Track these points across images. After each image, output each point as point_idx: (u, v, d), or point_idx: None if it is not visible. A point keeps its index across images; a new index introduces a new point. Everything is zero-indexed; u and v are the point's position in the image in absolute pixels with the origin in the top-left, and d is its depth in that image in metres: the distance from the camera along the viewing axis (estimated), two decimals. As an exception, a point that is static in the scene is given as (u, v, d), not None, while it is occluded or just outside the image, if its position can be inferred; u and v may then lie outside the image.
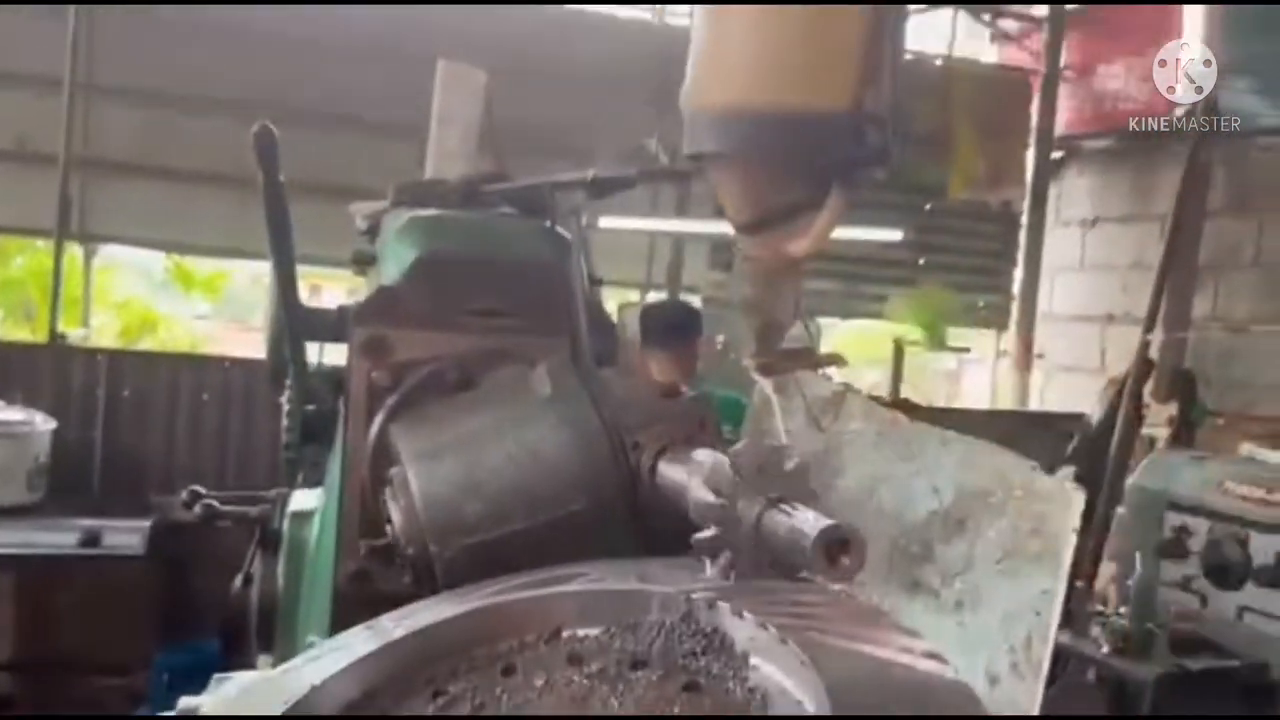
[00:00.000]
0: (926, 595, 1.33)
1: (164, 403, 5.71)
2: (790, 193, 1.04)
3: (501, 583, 1.23)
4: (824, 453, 1.47)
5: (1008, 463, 1.34)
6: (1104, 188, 7.53)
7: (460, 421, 1.51)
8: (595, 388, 1.44)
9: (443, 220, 1.97)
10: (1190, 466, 4.34)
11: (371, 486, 1.66)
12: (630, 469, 1.36)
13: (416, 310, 1.76)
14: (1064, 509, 1.26)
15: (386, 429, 1.66)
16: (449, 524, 1.37)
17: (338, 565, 1.70)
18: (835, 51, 0.99)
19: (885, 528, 1.40)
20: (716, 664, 1.02)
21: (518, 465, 1.38)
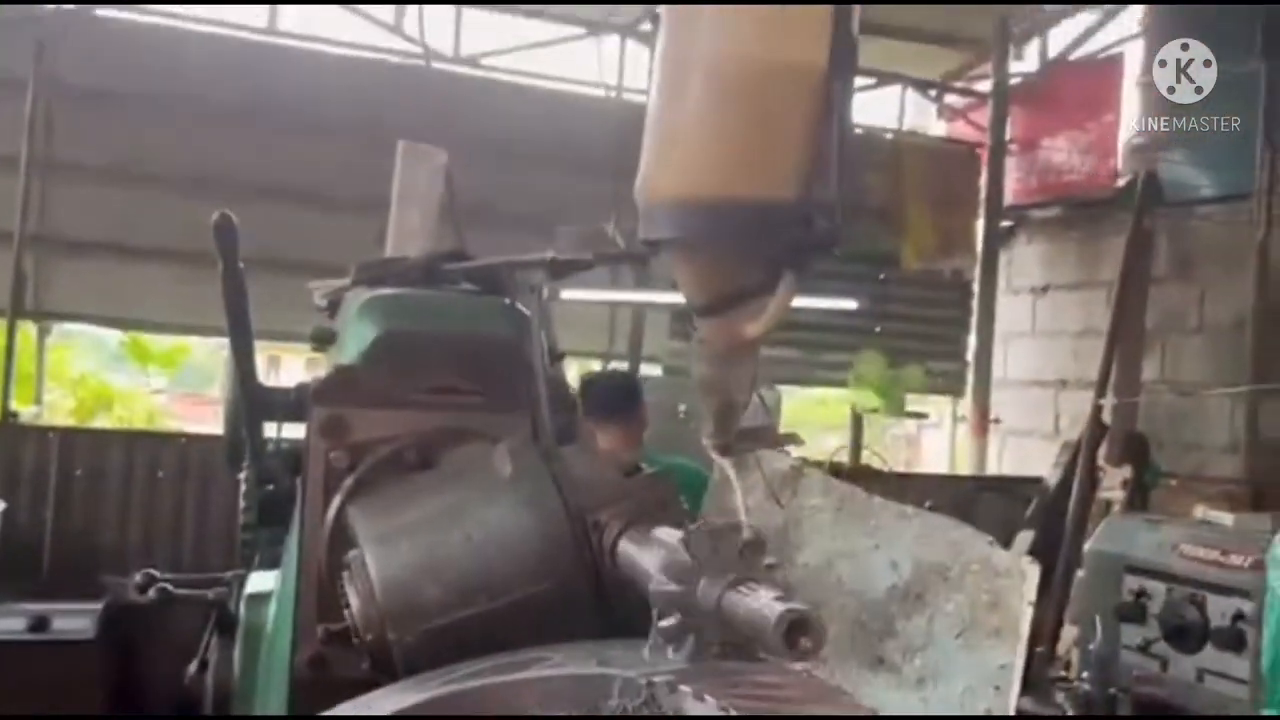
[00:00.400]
0: (889, 671, 1.34)
1: (118, 481, 5.61)
2: (743, 278, 1.07)
3: (462, 669, 1.22)
4: (784, 528, 1.48)
5: (964, 537, 1.36)
6: (1052, 256, 7.73)
7: (419, 502, 1.51)
8: (556, 466, 1.45)
9: (402, 299, 1.98)
10: (1146, 530, 4.39)
11: (329, 569, 1.64)
12: (592, 550, 1.37)
13: (375, 389, 1.75)
14: (1020, 583, 1.28)
15: (344, 510, 1.65)
16: (407, 609, 1.36)
17: (295, 651, 1.67)
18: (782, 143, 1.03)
19: (846, 603, 1.41)
20: (678, 749, 1.02)
21: (478, 548, 1.38)
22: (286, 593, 1.89)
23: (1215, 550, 4.02)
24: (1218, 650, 3.93)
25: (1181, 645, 4.04)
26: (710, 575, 1.09)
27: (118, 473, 5.62)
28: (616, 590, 1.39)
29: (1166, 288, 6.49)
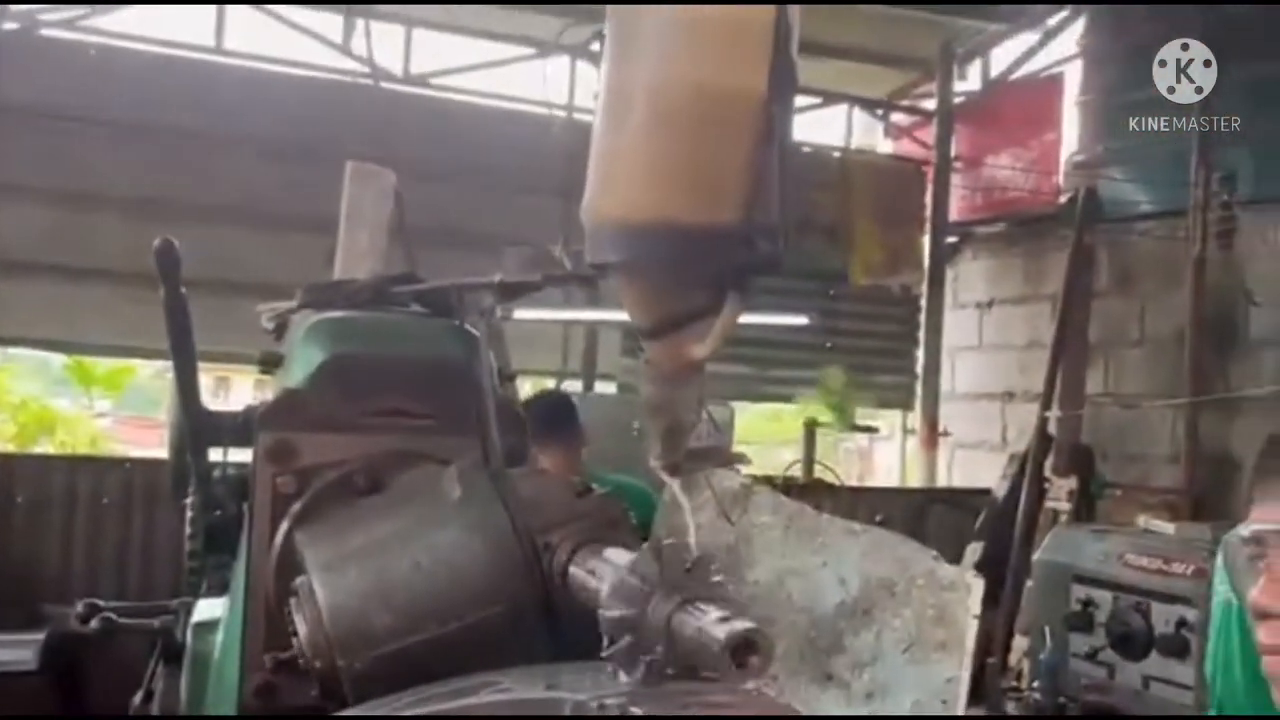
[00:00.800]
0: (838, 687, 1.35)
1: (61, 508, 5.48)
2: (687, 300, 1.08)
3: (410, 695, 1.21)
4: (734, 546, 1.49)
5: (910, 552, 1.38)
6: (997, 271, 7.87)
7: (368, 528, 1.50)
8: (505, 488, 1.44)
9: (350, 321, 1.97)
10: (1092, 540, 4.48)
11: (277, 597, 1.62)
12: (542, 572, 1.36)
13: (323, 413, 1.74)
14: (964, 596, 1.31)
15: (292, 536, 1.63)
16: (356, 635, 1.34)
17: (242, 680, 1.64)
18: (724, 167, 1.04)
19: (796, 620, 1.42)
20: (629, 770, 1.02)
21: (427, 573, 1.37)
22: (234, 621, 1.87)
23: (1158, 559, 4.12)
24: (1163, 657, 4.01)
25: (1128, 653, 4.12)
26: (660, 596, 1.10)
27: (61, 499, 5.50)
28: (568, 612, 1.39)
29: (1108, 301, 6.63)
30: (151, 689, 2.34)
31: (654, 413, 1.18)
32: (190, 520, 2.28)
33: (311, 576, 1.43)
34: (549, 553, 1.39)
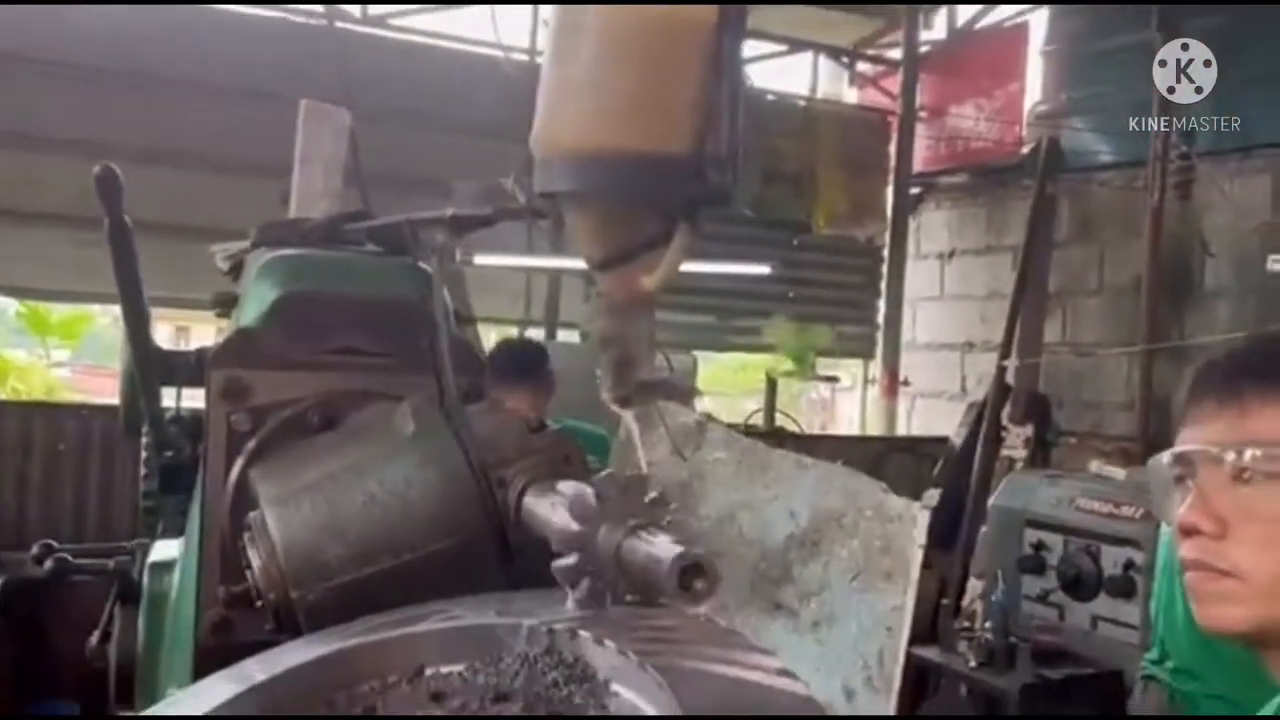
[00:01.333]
0: (786, 616, 1.38)
1: (15, 455, 5.41)
2: (638, 231, 1.08)
3: (362, 624, 1.22)
4: (687, 481, 1.51)
5: (859, 485, 1.40)
6: (960, 222, 7.91)
7: (321, 462, 1.50)
8: (460, 424, 1.45)
9: (304, 259, 1.95)
10: (1045, 485, 4.56)
11: (232, 533, 1.62)
12: (496, 505, 1.37)
13: (276, 351, 1.73)
14: (910, 527, 1.33)
15: (246, 474, 1.63)
16: (310, 568, 1.35)
17: (199, 616, 1.65)
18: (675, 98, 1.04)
19: (746, 552, 1.44)
20: (579, 693, 1.04)
21: (381, 505, 1.37)
22: (190, 559, 1.87)
23: (1109, 504, 4.21)
24: (1110, 598, 4.12)
25: (1077, 594, 4.23)
26: (610, 524, 1.11)
27: (15, 446, 5.43)
28: (521, 546, 1.40)
29: (1068, 251, 6.70)
30: (109, 630, 2.33)
31: (605, 345, 1.18)
32: (144, 461, 2.27)
33: (265, 511, 1.43)
34: (503, 488, 1.40)
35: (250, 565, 1.41)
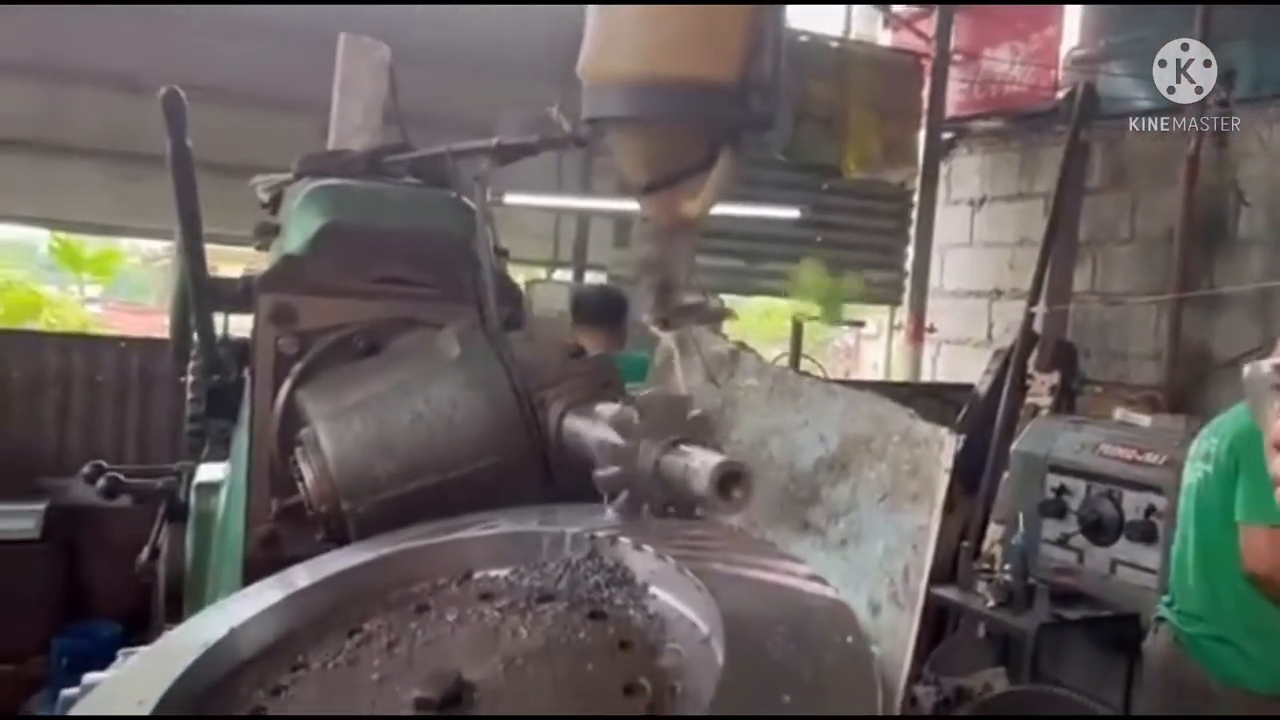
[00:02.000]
0: (814, 534, 1.43)
1: (56, 385, 5.54)
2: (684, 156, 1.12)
3: (410, 532, 1.28)
4: (720, 408, 1.55)
5: (887, 410, 1.44)
6: (992, 167, 7.83)
7: (369, 383, 1.55)
8: (502, 348, 1.50)
9: (347, 189, 1.99)
10: (1069, 431, 4.59)
11: (280, 452, 1.68)
12: (538, 425, 1.43)
13: (322, 278, 1.78)
14: (937, 451, 1.37)
15: (294, 395, 1.69)
16: (361, 482, 1.41)
17: (247, 532, 1.72)
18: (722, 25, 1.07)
19: (776, 476, 1.49)
20: (619, 594, 1.10)
21: (427, 424, 1.43)
22: (237, 478, 1.94)
23: (1132, 449, 4.24)
24: (1131, 542, 4.17)
25: (1097, 538, 4.28)
26: (649, 440, 1.16)
27: (56, 378, 5.55)
28: (561, 466, 1.46)
29: (1100, 199, 6.63)
30: (156, 547, 2.42)
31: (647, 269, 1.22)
32: (192, 384, 2.34)
33: (316, 427, 1.49)
34: (543, 409, 1.45)
35: (302, 479, 1.47)
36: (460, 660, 1.01)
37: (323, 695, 0.99)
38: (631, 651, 0.98)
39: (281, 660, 1.08)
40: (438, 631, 1.07)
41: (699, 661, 0.98)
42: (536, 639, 1.03)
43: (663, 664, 0.98)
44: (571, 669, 0.97)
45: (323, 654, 1.06)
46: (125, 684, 1.04)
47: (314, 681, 1.02)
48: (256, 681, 1.04)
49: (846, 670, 0.90)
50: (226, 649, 1.06)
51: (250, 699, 1.01)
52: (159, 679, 1.01)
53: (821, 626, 0.96)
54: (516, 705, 0.92)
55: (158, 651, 1.14)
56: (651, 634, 1.03)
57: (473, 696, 0.94)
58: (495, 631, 1.05)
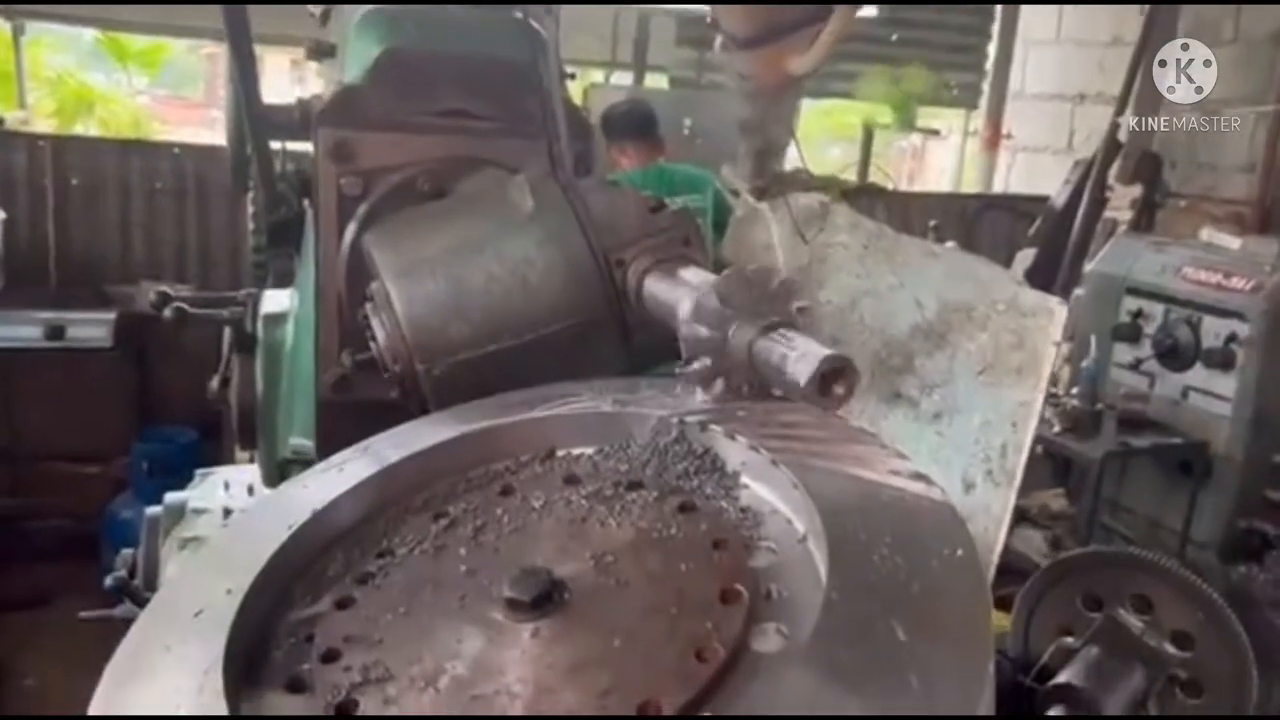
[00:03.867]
0: (906, 406, 1.37)
1: (116, 192, 5.53)
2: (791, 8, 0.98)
3: (492, 403, 1.24)
4: (808, 266, 1.46)
5: (992, 276, 1.34)
6: (1087, -43, 7.22)
7: (440, 235, 1.48)
8: (577, 202, 1.41)
9: (407, 13, 1.85)
10: (1150, 252, 4.41)
11: (348, 296, 1.64)
12: (616, 288, 1.36)
13: (382, 111, 1.68)
14: (1046, 323, 1.29)
15: (360, 239, 1.63)
16: (434, 344, 1.36)
17: (318, 375, 1.71)
18: None
19: (867, 340, 1.42)
20: (709, 484, 1.05)
21: (502, 285, 1.36)
22: (305, 317, 1.91)
23: (1218, 274, 4.07)
24: (1207, 369, 4.07)
25: (1172, 364, 4.18)
26: (742, 320, 1.09)
27: (114, 184, 5.54)
28: (640, 329, 1.39)
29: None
30: (227, 376, 2.44)
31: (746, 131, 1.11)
32: (253, 216, 2.28)
33: (386, 283, 1.43)
34: (622, 269, 1.37)
35: (374, 336, 1.43)
36: (548, 554, 0.98)
37: (410, 586, 0.98)
38: (726, 550, 0.94)
39: (367, 544, 1.06)
40: (524, 519, 1.04)
41: (796, 563, 0.94)
42: (626, 532, 0.99)
43: (757, 564, 0.94)
44: (665, 569, 0.93)
45: (408, 539, 1.04)
46: (210, 567, 1.03)
47: (401, 570, 1.01)
48: (343, 567, 1.03)
49: (958, 587, 0.85)
50: (310, 533, 1.05)
51: (338, 586, 1.00)
52: (245, 564, 0.99)
53: (929, 535, 0.91)
54: (608, 610, 0.90)
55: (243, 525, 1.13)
56: (745, 529, 0.99)
57: (563, 596, 0.92)
58: (583, 522, 1.02)
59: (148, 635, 0.94)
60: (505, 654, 0.87)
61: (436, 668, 0.87)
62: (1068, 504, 4.29)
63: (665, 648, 0.84)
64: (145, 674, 0.88)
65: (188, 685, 0.86)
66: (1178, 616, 1.38)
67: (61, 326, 4.86)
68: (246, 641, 0.94)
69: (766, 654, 0.84)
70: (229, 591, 0.96)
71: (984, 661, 0.77)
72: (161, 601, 1.00)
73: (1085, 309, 4.61)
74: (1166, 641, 1.39)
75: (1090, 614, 1.43)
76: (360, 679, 0.87)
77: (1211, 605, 1.34)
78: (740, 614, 0.87)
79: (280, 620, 0.98)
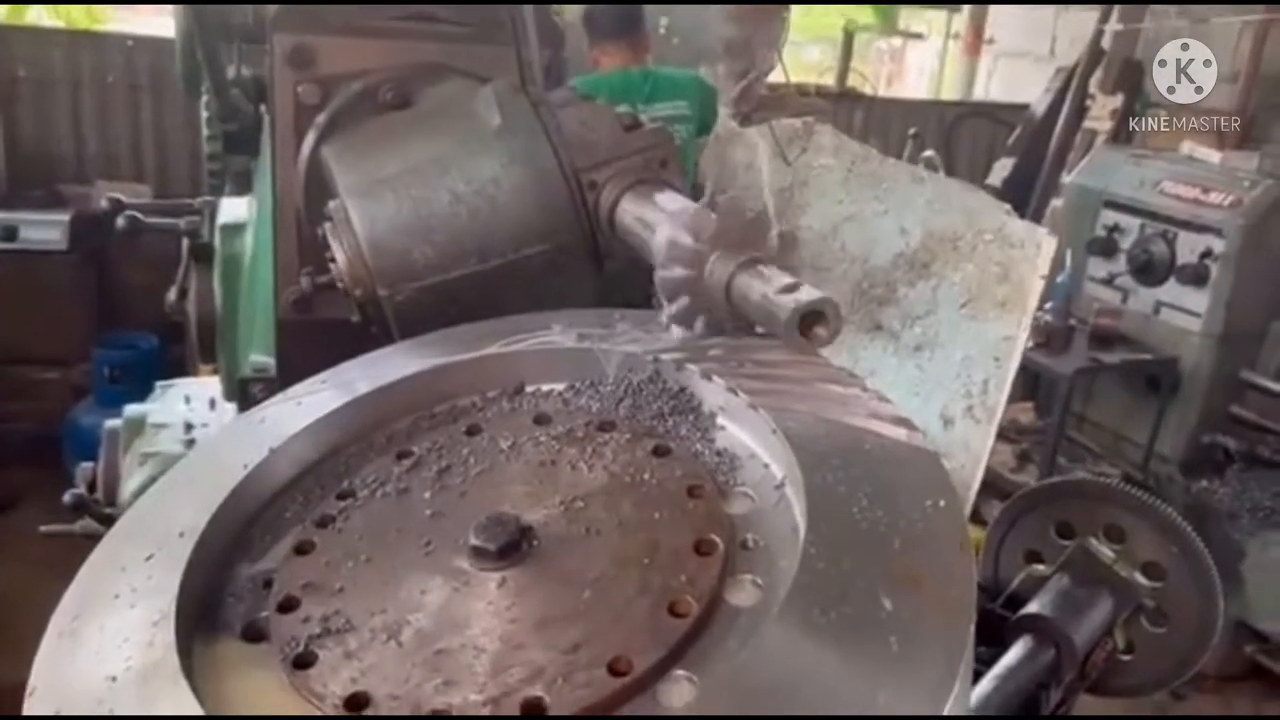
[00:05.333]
0: (886, 338, 1.33)
1: (66, 86, 5.30)
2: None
3: (459, 333, 1.19)
4: (788, 188, 1.40)
5: (980, 204, 1.29)
6: None
7: (401, 150, 1.40)
8: (548, 118, 1.33)
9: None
10: (1130, 165, 4.36)
11: (307, 211, 1.57)
12: (588, 212, 1.29)
13: (342, 15, 1.59)
14: (1034, 255, 1.24)
15: (319, 152, 1.55)
16: (397, 267, 1.30)
17: (278, 293, 1.64)
18: None
19: (848, 269, 1.37)
20: (685, 426, 1.01)
21: (468, 206, 1.30)
22: (264, 230, 1.83)
23: (1197, 188, 4.03)
24: (1180, 284, 4.06)
25: (1146, 279, 4.17)
26: (719, 256, 1.03)
27: (65, 77, 5.30)
28: (612, 254, 1.34)
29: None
30: (184, 287, 2.36)
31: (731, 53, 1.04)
32: (207, 122, 2.18)
33: (346, 202, 1.36)
34: (595, 191, 1.31)
35: (333, 258, 1.36)
36: (516, 498, 0.94)
37: (372, 531, 0.94)
38: (701, 498, 0.91)
39: (328, 484, 1.02)
40: (492, 460, 1.00)
41: (773, 511, 0.91)
42: (598, 476, 0.95)
43: (734, 511, 0.91)
44: (638, 516, 0.90)
45: (370, 480, 1.00)
46: (163, 504, 0.99)
47: (362, 513, 0.97)
48: (303, 509, 0.99)
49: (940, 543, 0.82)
50: (267, 472, 1.00)
51: (297, 529, 0.96)
52: (199, 504, 0.95)
53: (911, 485, 0.87)
54: (579, 559, 0.86)
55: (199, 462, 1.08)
56: (721, 474, 0.95)
57: (531, 544, 0.88)
58: (553, 465, 0.98)
59: (98, 580, 0.90)
60: (471, 606, 0.84)
61: (399, 619, 0.84)
62: (1035, 417, 4.33)
63: (637, 601, 0.81)
64: (95, 627, 0.84)
65: (138, 638, 0.82)
66: (1150, 548, 1.37)
67: (14, 227, 4.71)
68: (200, 588, 0.90)
69: (742, 608, 0.82)
70: (181, 535, 0.92)
71: (965, 624, 0.74)
72: (114, 542, 0.96)
73: (1062, 222, 4.58)
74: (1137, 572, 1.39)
75: (1063, 541, 1.43)
76: (319, 630, 0.84)
77: (1185, 539, 1.34)
78: (715, 566, 0.84)
79: (237, 564, 0.94)
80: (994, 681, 1.25)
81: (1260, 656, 3.85)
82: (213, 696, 0.79)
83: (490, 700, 0.74)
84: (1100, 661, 1.39)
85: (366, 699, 0.77)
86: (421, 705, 0.75)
